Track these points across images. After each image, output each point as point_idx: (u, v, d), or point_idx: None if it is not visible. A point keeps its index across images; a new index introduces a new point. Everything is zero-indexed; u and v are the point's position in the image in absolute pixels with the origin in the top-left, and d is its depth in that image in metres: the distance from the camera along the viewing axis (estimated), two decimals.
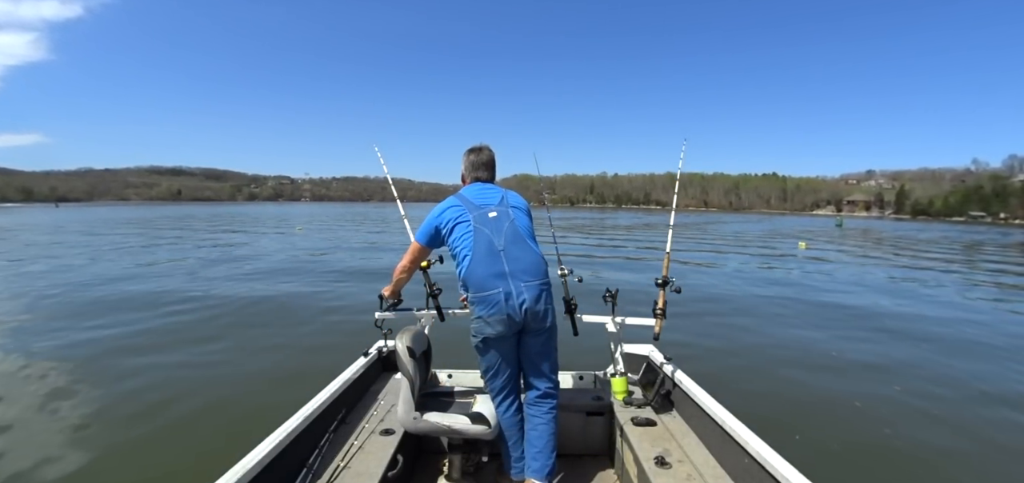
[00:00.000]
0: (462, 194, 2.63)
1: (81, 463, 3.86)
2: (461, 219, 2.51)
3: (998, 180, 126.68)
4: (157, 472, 3.82)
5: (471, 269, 2.42)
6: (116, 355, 6.26)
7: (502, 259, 2.42)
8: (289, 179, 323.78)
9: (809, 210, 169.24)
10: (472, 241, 2.44)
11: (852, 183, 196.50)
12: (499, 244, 2.44)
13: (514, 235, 2.49)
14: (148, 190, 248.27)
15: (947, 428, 4.77)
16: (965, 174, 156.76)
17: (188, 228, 32.29)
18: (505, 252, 2.43)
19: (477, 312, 2.44)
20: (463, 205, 2.55)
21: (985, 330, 8.66)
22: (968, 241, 38.14)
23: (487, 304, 2.39)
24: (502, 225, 2.49)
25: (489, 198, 2.59)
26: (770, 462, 2.02)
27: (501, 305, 2.37)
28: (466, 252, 2.45)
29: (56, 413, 4.69)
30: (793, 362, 6.48)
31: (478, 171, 2.72)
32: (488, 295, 2.38)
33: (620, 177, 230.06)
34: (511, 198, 2.64)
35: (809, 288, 12.68)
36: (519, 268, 2.42)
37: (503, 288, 2.37)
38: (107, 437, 4.27)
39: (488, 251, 2.42)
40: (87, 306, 9.04)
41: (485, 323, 2.42)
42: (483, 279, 2.39)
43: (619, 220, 62.62)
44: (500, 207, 2.55)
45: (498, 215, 2.51)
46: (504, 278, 2.39)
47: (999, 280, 15.94)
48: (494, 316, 2.38)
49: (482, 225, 2.47)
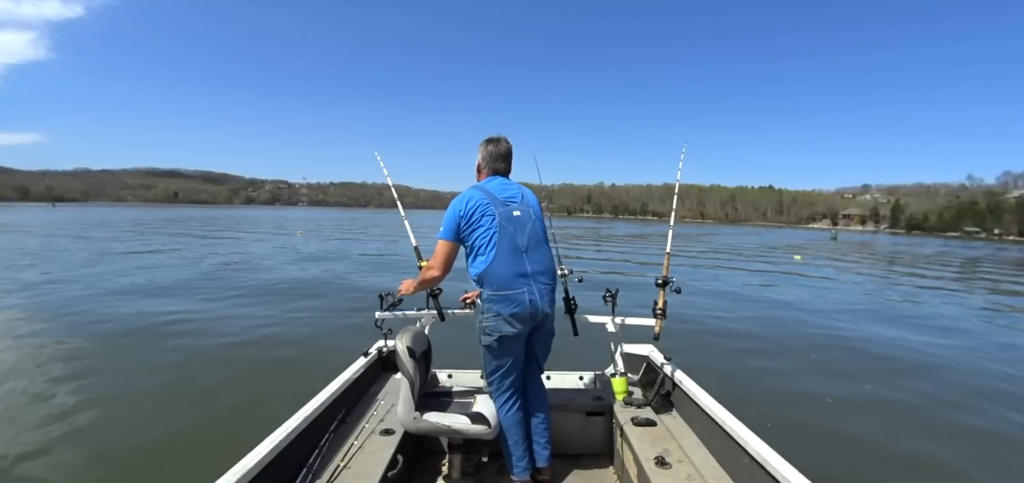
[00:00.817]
0: (485, 187, 2.53)
1: (81, 463, 3.83)
2: (487, 212, 2.44)
3: (993, 196, 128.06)
4: (157, 472, 3.79)
5: (494, 267, 2.39)
6: (114, 358, 6.23)
7: (525, 260, 2.43)
8: (286, 183, 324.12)
9: (805, 223, 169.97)
10: (497, 238, 2.41)
11: (848, 197, 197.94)
12: (523, 244, 2.44)
13: (536, 236, 2.51)
14: (145, 192, 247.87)
15: (948, 428, 4.80)
16: (960, 190, 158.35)
17: (187, 233, 32.00)
18: (528, 253, 2.45)
19: (496, 310, 2.41)
20: (487, 198, 2.47)
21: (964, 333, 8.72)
22: (968, 256, 38.30)
23: (510, 302, 2.39)
24: (526, 225, 2.48)
25: (512, 194, 2.54)
26: (770, 462, 2.02)
27: (525, 305, 2.40)
28: (490, 248, 2.41)
29: (49, 412, 4.64)
30: (790, 371, 6.49)
31: (496, 163, 2.63)
32: (512, 294, 2.39)
33: (618, 187, 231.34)
34: (529, 197, 2.61)
35: (806, 301, 12.73)
36: (538, 269, 2.46)
37: (527, 289, 2.41)
38: (106, 437, 4.23)
39: (513, 250, 2.42)
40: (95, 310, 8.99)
41: (505, 321, 2.41)
42: (508, 278, 2.39)
43: (615, 230, 62.66)
44: (523, 205, 2.52)
45: (522, 214, 2.49)
46: (528, 279, 2.42)
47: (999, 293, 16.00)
48: (516, 314, 2.40)
49: (507, 223, 2.43)
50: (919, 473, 4.11)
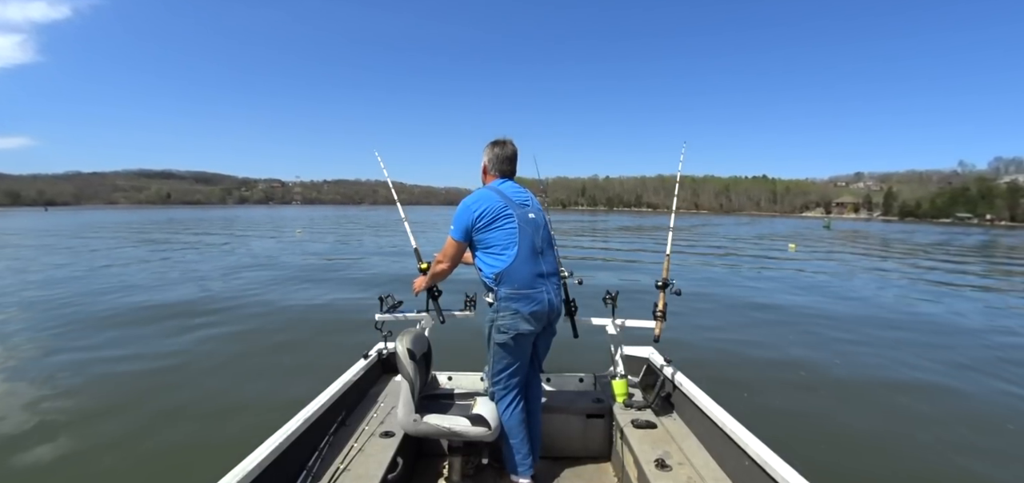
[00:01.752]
0: (499, 189, 2.58)
1: (79, 464, 3.81)
2: (505, 213, 2.49)
3: (984, 182, 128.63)
4: (157, 472, 3.78)
5: (515, 267, 2.45)
6: (113, 361, 6.20)
7: (541, 261, 2.53)
8: (280, 182, 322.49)
9: (798, 212, 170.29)
10: (518, 238, 2.47)
11: (841, 185, 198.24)
12: (539, 245, 2.54)
13: (549, 239, 2.65)
14: (137, 194, 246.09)
15: (949, 428, 4.74)
16: (952, 176, 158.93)
17: (174, 236, 31.74)
18: (543, 255, 2.56)
19: (515, 307, 2.45)
20: (504, 200, 2.52)
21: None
22: (960, 244, 38.44)
23: (530, 301, 2.46)
24: (540, 228, 2.58)
25: (525, 198, 2.63)
26: (771, 465, 2.02)
27: (544, 304, 2.50)
28: (510, 249, 2.46)
29: (49, 411, 4.63)
30: (786, 368, 6.53)
31: (502, 165, 2.67)
32: (532, 293, 2.47)
33: (612, 180, 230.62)
34: (536, 201, 2.70)
35: (809, 288, 12.76)
36: (550, 271, 2.58)
37: (545, 289, 2.51)
38: (106, 436, 4.21)
39: (532, 251, 2.50)
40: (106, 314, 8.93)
41: (523, 320, 2.46)
42: (528, 278, 2.47)
43: (610, 222, 62.69)
44: (535, 209, 2.61)
45: (536, 217, 2.58)
46: (544, 279, 2.53)
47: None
48: (535, 313, 2.47)
49: (526, 225, 2.51)
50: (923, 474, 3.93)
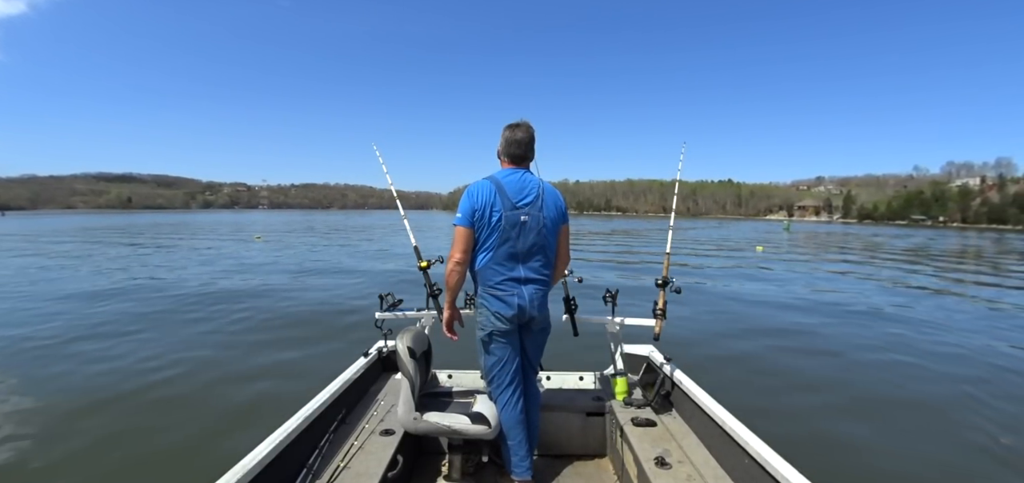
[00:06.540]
0: (499, 180, 2.48)
1: (78, 464, 3.74)
2: (493, 212, 2.41)
3: (937, 185, 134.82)
4: (158, 472, 3.73)
5: (490, 267, 2.44)
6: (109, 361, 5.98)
7: (520, 266, 2.45)
8: (246, 186, 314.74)
9: (762, 215, 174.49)
10: (497, 241, 2.42)
11: (803, 189, 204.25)
12: (521, 249, 2.44)
13: (539, 243, 2.48)
14: (96, 198, 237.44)
15: (946, 428, 4.70)
16: (907, 180, 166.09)
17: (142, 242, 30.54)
18: (524, 258, 2.46)
19: (486, 305, 2.47)
20: (498, 196, 2.43)
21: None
22: (911, 245, 39.83)
23: (500, 302, 2.44)
24: (529, 232, 2.44)
25: (526, 194, 2.47)
26: (770, 463, 2.04)
27: (513, 307, 2.43)
28: (488, 249, 2.44)
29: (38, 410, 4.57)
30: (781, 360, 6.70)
31: (512, 149, 2.54)
32: (502, 295, 2.43)
33: (582, 184, 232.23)
34: (548, 196, 2.53)
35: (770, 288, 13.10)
36: (530, 276, 2.47)
37: (516, 293, 2.44)
38: (105, 437, 4.15)
39: (509, 255, 2.44)
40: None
41: (497, 318, 2.45)
42: (499, 281, 2.44)
43: (582, 226, 63.01)
44: (533, 208, 2.46)
45: (529, 221, 2.44)
46: (519, 284, 2.45)
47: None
48: (505, 314, 2.44)
49: (511, 228, 2.41)
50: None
